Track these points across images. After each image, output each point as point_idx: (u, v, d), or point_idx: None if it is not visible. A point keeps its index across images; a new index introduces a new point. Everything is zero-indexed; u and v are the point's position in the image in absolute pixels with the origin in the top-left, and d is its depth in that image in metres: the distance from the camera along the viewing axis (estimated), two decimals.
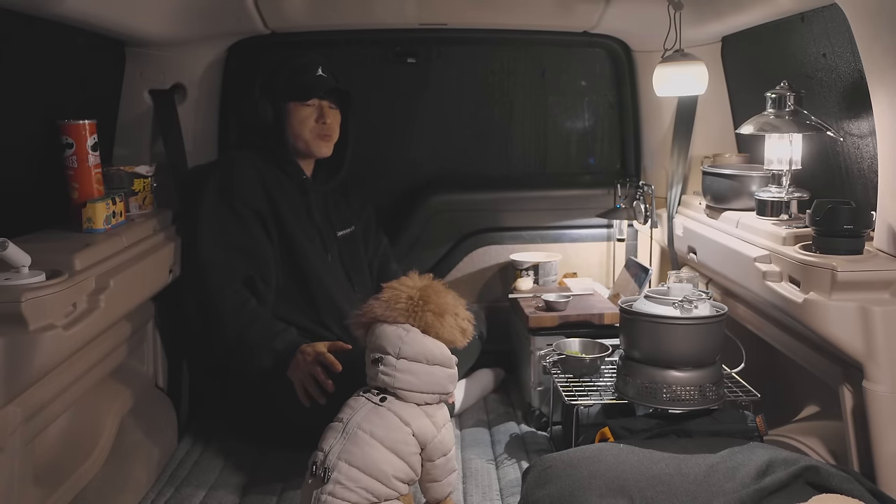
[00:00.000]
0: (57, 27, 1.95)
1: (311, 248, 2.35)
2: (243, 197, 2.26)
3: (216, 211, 2.25)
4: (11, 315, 1.49)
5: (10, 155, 1.94)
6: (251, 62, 2.76)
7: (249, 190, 2.28)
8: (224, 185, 2.28)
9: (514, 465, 2.16)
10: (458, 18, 2.63)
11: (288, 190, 2.37)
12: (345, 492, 1.63)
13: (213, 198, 2.26)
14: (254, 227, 2.27)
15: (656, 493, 1.56)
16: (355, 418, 1.71)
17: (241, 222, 2.25)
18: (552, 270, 2.82)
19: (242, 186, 2.28)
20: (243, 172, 2.30)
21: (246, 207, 2.26)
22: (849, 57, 1.86)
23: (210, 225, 2.24)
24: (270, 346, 2.11)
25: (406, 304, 1.79)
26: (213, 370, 2.41)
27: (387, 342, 1.75)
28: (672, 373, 1.92)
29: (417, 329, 1.76)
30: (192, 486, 2.06)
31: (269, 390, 2.17)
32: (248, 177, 2.30)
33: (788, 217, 2.04)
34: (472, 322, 1.86)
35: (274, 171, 2.36)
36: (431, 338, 1.77)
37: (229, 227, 2.24)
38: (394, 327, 1.76)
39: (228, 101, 2.77)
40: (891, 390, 1.62)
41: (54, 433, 1.78)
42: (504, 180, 3.04)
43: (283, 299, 2.30)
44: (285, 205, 2.33)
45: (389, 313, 1.78)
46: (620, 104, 3.00)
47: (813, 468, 1.56)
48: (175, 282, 2.30)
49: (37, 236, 1.91)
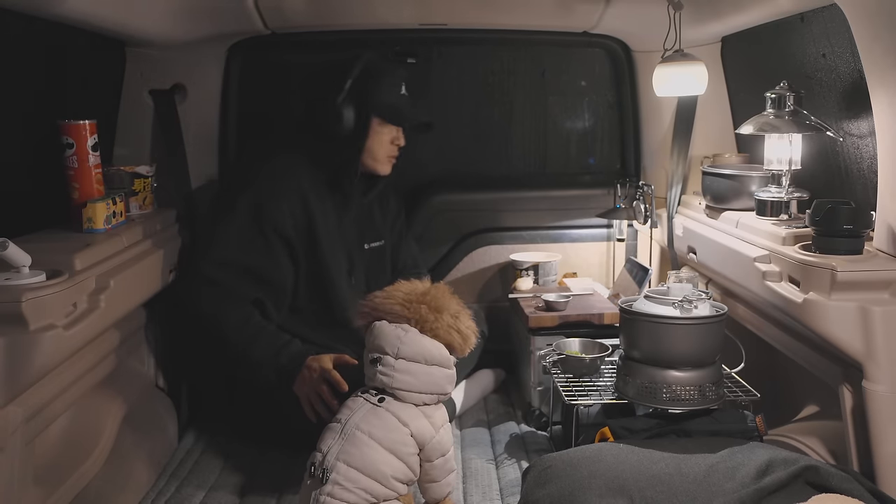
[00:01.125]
0: (57, 27, 1.95)
1: (336, 271, 2.27)
2: (275, 222, 2.16)
3: (242, 231, 2.14)
4: (12, 315, 1.49)
5: (10, 155, 1.94)
6: (251, 62, 2.76)
7: (287, 214, 2.17)
8: (259, 204, 2.15)
9: (514, 464, 2.16)
10: (458, 18, 2.63)
11: (328, 206, 2.26)
12: (343, 492, 1.63)
13: (244, 215, 2.15)
14: (278, 254, 2.18)
15: (656, 493, 1.56)
16: (353, 419, 1.71)
17: (266, 247, 2.16)
18: (552, 270, 2.82)
19: (279, 211, 2.16)
20: (285, 194, 2.17)
21: (275, 234, 2.16)
22: (848, 57, 1.86)
23: (230, 241, 2.14)
24: (275, 362, 2.07)
25: (404, 297, 1.79)
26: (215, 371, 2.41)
27: (385, 342, 1.75)
28: (672, 373, 1.92)
29: (416, 329, 1.76)
30: (192, 486, 2.06)
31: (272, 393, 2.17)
32: (289, 199, 2.18)
33: (788, 217, 2.04)
34: (476, 334, 1.83)
35: (319, 186, 2.24)
36: (430, 338, 1.77)
37: (251, 249, 2.14)
38: (392, 327, 1.76)
39: (228, 101, 2.77)
40: (890, 390, 1.62)
41: (55, 433, 1.78)
42: (504, 180, 3.04)
43: (303, 318, 2.27)
44: (322, 226, 2.23)
45: (387, 301, 1.79)
46: (620, 104, 3.00)
47: (813, 468, 1.56)
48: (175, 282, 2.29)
49: (37, 236, 1.91)
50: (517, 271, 2.80)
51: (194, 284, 2.15)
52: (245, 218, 2.15)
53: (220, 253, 2.15)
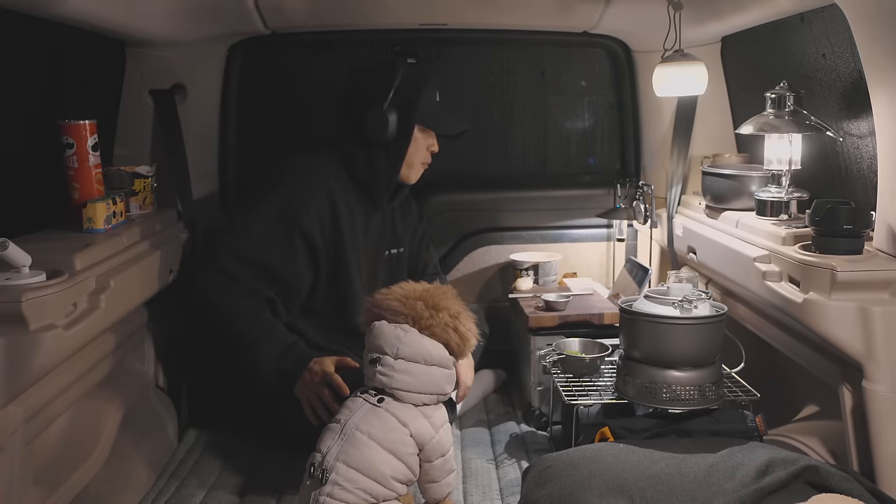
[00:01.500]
0: (57, 27, 1.95)
1: (355, 276, 2.26)
2: (301, 225, 2.15)
3: (267, 229, 2.13)
4: (12, 315, 1.49)
5: (10, 155, 1.94)
6: (251, 62, 2.76)
7: (314, 216, 2.16)
8: (289, 205, 2.14)
9: (514, 464, 2.16)
10: (458, 19, 2.63)
11: (355, 211, 2.26)
12: (343, 493, 1.63)
13: (272, 213, 2.13)
14: (299, 257, 2.16)
15: (656, 493, 1.56)
16: (353, 419, 1.71)
17: (288, 249, 2.15)
18: (552, 270, 2.82)
19: (307, 213, 2.15)
20: (315, 196, 2.16)
21: (300, 236, 2.15)
22: (848, 57, 1.86)
23: (253, 237, 2.12)
24: (279, 363, 2.06)
25: (404, 292, 1.80)
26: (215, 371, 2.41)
27: (384, 342, 1.75)
28: (672, 372, 1.92)
29: (415, 329, 1.76)
30: (192, 486, 2.06)
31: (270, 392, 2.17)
32: (318, 201, 2.16)
33: (788, 217, 2.04)
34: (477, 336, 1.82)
35: (348, 190, 2.23)
36: (429, 339, 1.76)
37: (273, 249, 2.13)
38: (392, 327, 1.76)
39: (228, 101, 2.77)
40: (890, 390, 1.62)
41: (55, 433, 1.78)
42: (504, 180, 3.04)
43: (314, 320, 2.26)
44: (347, 230, 2.22)
45: (386, 298, 1.79)
46: (620, 104, 3.00)
47: (812, 468, 1.56)
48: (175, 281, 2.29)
49: (37, 236, 1.91)
50: (517, 271, 2.80)
51: (210, 274, 2.12)
52: (272, 216, 2.14)
53: (241, 247, 2.13)
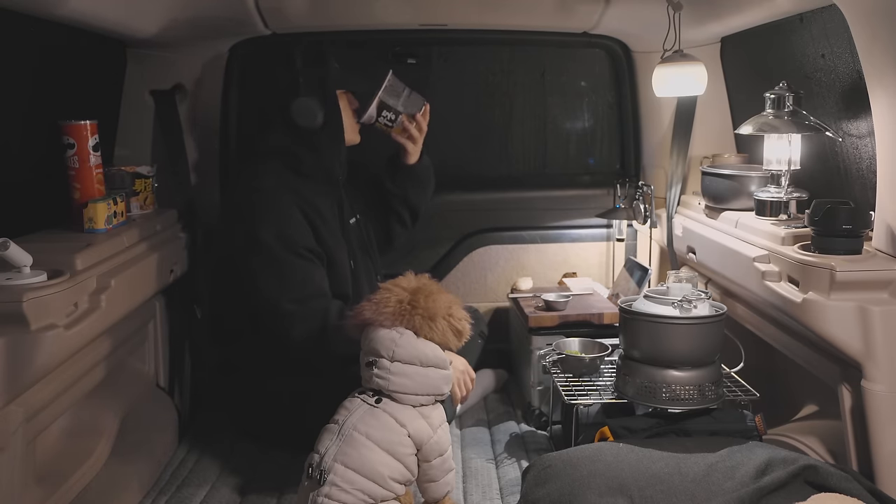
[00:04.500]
0: (58, 28, 1.96)
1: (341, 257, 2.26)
2: (303, 242, 2.15)
3: (280, 264, 2.11)
4: (13, 315, 1.49)
5: (11, 155, 1.95)
6: (252, 62, 2.76)
7: (304, 232, 2.17)
8: (282, 233, 2.13)
9: (514, 464, 2.17)
10: (459, 19, 2.64)
11: (325, 209, 2.26)
12: (341, 493, 1.64)
13: (276, 250, 2.11)
14: (318, 267, 2.18)
15: (655, 493, 1.56)
16: (351, 420, 1.71)
17: (312, 266, 2.15)
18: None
19: (299, 231, 2.15)
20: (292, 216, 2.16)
21: (308, 251, 2.16)
22: (847, 57, 1.86)
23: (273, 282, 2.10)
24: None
25: (395, 307, 1.76)
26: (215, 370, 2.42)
27: (380, 345, 1.75)
28: (671, 372, 1.92)
29: (410, 332, 1.75)
30: (192, 486, 2.06)
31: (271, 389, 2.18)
32: (296, 218, 2.16)
33: (787, 217, 2.05)
34: (470, 321, 1.84)
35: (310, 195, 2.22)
36: (424, 340, 1.76)
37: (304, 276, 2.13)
38: (387, 330, 1.76)
39: (229, 101, 2.77)
40: (889, 390, 1.62)
41: (55, 433, 1.79)
42: (504, 180, 3.04)
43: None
44: (325, 231, 2.23)
45: (378, 317, 1.76)
46: (620, 104, 3.01)
47: (812, 467, 1.57)
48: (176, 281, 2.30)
49: (38, 236, 1.92)
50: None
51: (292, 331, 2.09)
52: (278, 251, 2.11)
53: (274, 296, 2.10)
